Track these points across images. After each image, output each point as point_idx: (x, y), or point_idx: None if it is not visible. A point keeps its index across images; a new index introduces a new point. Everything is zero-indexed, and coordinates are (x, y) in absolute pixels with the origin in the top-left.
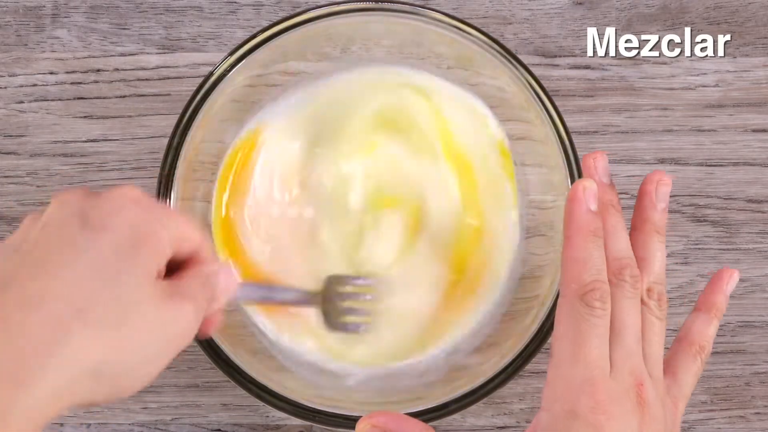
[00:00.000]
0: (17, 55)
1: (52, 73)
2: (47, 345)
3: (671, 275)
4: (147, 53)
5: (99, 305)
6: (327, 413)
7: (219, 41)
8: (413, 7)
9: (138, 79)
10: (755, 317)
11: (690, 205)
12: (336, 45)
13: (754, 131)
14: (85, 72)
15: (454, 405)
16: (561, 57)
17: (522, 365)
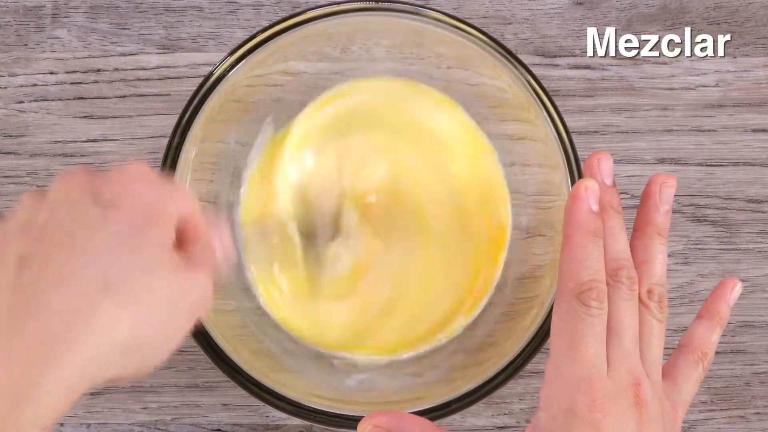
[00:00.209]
0: (17, 55)
1: (52, 73)
2: (76, 322)
3: (671, 275)
4: (147, 53)
5: (125, 279)
6: (327, 413)
7: (219, 41)
8: (413, 7)
9: (138, 79)
10: (755, 317)
11: (690, 205)
12: (336, 45)
13: (754, 131)
14: (85, 72)
15: (454, 405)
16: (561, 57)
17: (522, 365)
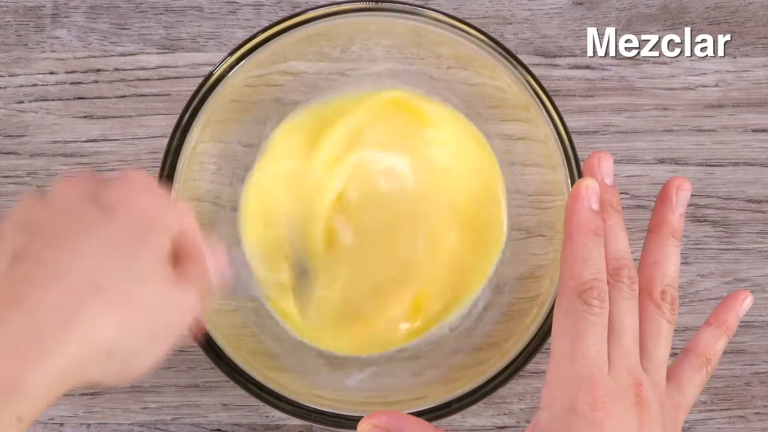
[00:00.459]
0: (17, 55)
1: (52, 73)
2: (65, 320)
3: None
4: (147, 53)
5: (116, 282)
6: (327, 413)
7: (219, 41)
8: (413, 7)
9: (138, 79)
10: (755, 317)
11: (690, 205)
12: (336, 45)
13: (754, 131)
14: (85, 72)
15: (454, 405)
16: (561, 57)
17: (522, 365)
